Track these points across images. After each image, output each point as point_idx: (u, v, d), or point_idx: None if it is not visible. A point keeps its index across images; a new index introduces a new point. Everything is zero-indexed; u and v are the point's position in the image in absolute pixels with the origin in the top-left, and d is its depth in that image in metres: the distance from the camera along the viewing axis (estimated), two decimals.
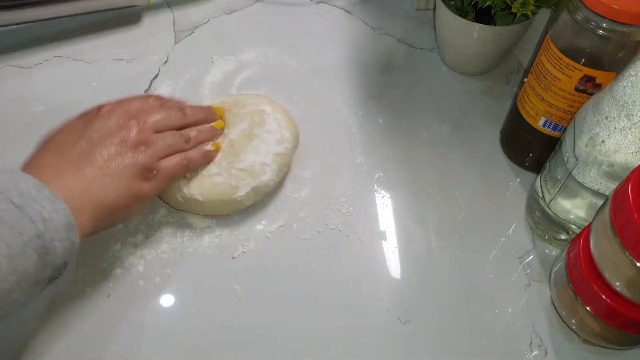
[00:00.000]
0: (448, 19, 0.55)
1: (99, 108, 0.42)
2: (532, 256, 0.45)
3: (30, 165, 0.38)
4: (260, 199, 0.48)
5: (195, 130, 0.46)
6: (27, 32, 0.62)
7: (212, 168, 0.46)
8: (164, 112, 0.44)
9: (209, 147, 0.46)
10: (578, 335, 0.41)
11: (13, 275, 0.30)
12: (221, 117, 0.49)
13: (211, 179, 0.45)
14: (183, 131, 0.45)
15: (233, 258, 0.45)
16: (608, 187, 0.38)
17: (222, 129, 0.49)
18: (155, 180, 0.41)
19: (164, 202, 0.47)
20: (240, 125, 0.48)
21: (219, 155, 0.47)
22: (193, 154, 0.44)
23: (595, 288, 0.36)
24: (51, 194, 0.33)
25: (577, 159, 0.38)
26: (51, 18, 0.60)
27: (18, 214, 0.31)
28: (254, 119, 0.49)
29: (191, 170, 0.45)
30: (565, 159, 0.40)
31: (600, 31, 0.38)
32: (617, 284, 0.35)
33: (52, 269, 0.33)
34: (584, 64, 0.40)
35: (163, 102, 0.45)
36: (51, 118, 0.43)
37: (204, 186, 0.45)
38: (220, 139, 0.48)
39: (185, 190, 0.45)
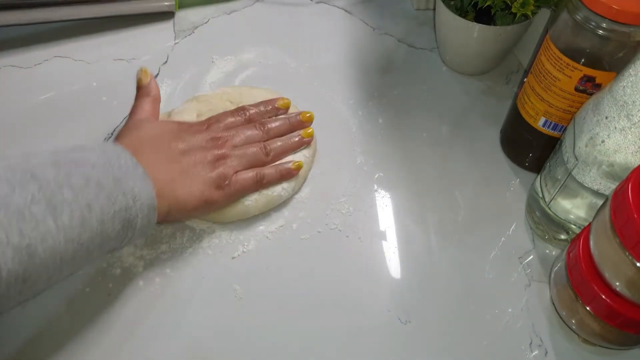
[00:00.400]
0: (448, 19, 0.55)
1: (191, 125, 0.46)
2: (532, 256, 0.45)
3: (129, 148, 0.40)
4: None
5: (279, 141, 0.48)
6: (27, 32, 0.62)
7: None
8: (247, 130, 0.47)
9: (289, 165, 0.47)
10: (578, 335, 0.41)
11: (98, 238, 0.34)
12: (310, 122, 0.50)
13: None
14: (266, 143, 0.47)
15: (233, 258, 0.45)
16: (608, 187, 0.38)
17: (312, 138, 0.49)
18: (226, 191, 0.43)
19: None
20: None
21: None
22: (268, 170, 0.46)
23: (595, 288, 0.36)
24: (144, 174, 0.37)
25: (577, 159, 0.38)
26: (77, 19, 0.61)
27: (115, 186, 0.35)
28: None
29: (265, 186, 0.46)
30: (565, 159, 0.40)
31: (600, 31, 0.38)
32: (617, 284, 0.35)
33: (126, 242, 0.38)
34: (583, 64, 0.40)
35: (250, 116, 0.48)
36: (51, 118, 0.43)
37: None
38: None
39: None
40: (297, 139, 0.48)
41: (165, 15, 0.65)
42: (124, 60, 0.60)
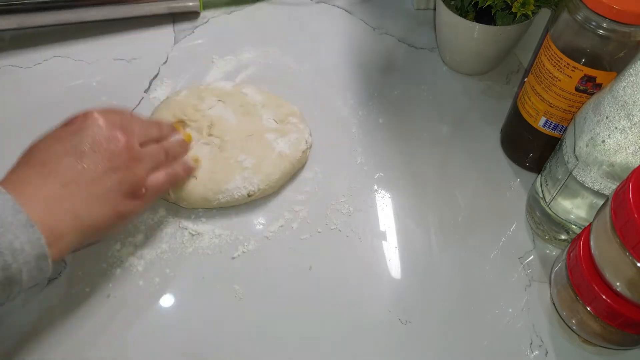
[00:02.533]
0: (448, 18, 0.55)
1: (84, 116, 0.38)
2: (532, 256, 0.45)
3: (11, 180, 0.34)
4: (261, 196, 0.48)
5: (173, 142, 0.45)
6: (28, 32, 0.62)
7: (219, 161, 0.47)
8: (145, 125, 0.42)
9: (190, 161, 0.46)
10: (578, 335, 0.41)
11: None
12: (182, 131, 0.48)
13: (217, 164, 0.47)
14: (163, 144, 0.43)
15: (233, 258, 0.45)
16: (608, 187, 0.38)
17: (190, 142, 0.48)
18: (144, 198, 0.40)
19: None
20: (252, 119, 0.50)
21: (229, 149, 0.48)
22: (178, 168, 0.43)
23: (596, 288, 0.36)
24: (27, 221, 0.31)
25: (577, 159, 0.38)
26: (104, 20, 0.62)
27: None
28: (269, 117, 0.51)
29: (175, 185, 0.45)
30: (566, 159, 0.40)
31: (601, 31, 0.38)
32: (618, 284, 0.35)
33: (13, 297, 0.32)
34: (584, 64, 0.40)
35: (135, 116, 0.44)
36: (51, 118, 0.43)
37: (204, 169, 0.47)
38: (232, 133, 0.49)
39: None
40: (181, 141, 0.46)
41: (164, 14, 0.65)
42: (123, 60, 0.60)
